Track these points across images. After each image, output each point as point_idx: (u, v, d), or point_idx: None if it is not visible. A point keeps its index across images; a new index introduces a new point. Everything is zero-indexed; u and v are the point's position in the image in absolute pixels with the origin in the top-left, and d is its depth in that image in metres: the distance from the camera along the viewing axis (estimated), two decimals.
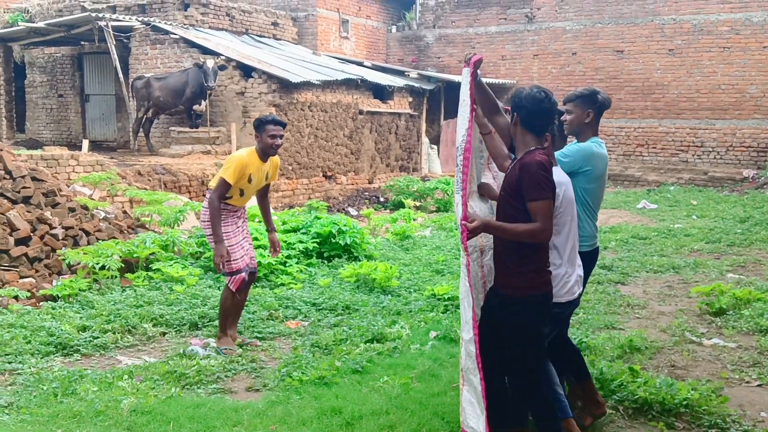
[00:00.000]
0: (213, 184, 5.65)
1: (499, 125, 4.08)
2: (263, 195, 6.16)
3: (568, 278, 3.84)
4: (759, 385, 5.16)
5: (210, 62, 15.03)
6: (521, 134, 3.67)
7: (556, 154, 4.04)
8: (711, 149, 19.56)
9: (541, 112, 3.62)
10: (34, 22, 17.97)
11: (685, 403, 4.54)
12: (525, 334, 3.65)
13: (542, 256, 3.65)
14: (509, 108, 4.26)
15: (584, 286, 4.23)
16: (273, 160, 5.91)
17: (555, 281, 3.75)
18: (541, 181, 3.50)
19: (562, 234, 3.81)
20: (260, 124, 5.70)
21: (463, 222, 3.51)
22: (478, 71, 3.81)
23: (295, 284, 7.91)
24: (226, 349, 5.78)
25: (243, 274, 5.78)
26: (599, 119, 4.41)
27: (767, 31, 18.68)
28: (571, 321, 6.58)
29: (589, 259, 4.29)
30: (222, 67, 15.44)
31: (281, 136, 5.69)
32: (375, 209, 15.23)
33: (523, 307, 3.62)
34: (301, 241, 8.93)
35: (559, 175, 3.78)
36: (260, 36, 19.72)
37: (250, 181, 5.70)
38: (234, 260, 5.74)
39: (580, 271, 3.95)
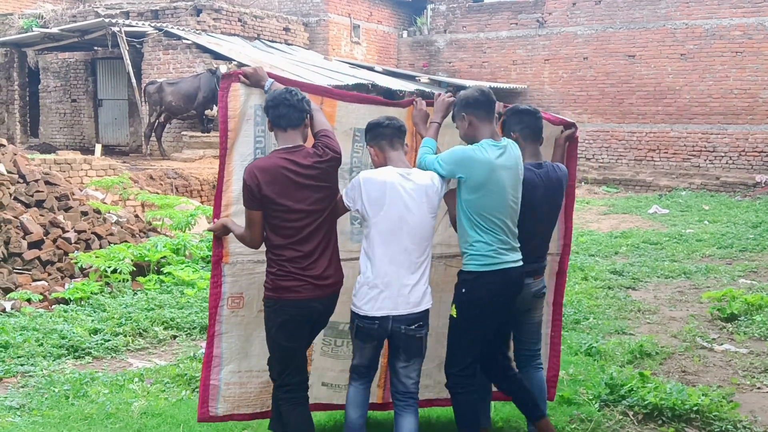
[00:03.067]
0: None
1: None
2: None
3: (370, 290, 3.54)
4: None
5: (223, 68, 15.12)
6: (275, 138, 3.59)
7: (436, 158, 3.71)
8: (723, 154, 19.46)
9: (282, 103, 3.49)
10: (48, 28, 18.12)
11: (695, 408, 4.53)
12: (268, 334, 3.60)
13: (287, 260, 3.48)
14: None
15: (503, 312, 3.81)
16: None
17: (356, 289, 3.60)
18: (243, 188, 3.46)
19: (375, 247, 3.56)
20: None
21: (215, 219, 3.76)
22: (266, 83, 3.73)
23: None
24: None
25: None
26: (484, 116, 3.74)
27: None
28: (581, 326, 6.60)
29: (492, 279, 3.68)
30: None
31: None
32: None
33: (265, 307, 3.60)
34: None
35: (370, 180, 3.55)
36: (272, 41, 19.80)
37: None
38: None
39: (410, 289, 3.55)
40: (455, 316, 3.75)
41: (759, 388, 5.21)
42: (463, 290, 3.73)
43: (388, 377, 4.21)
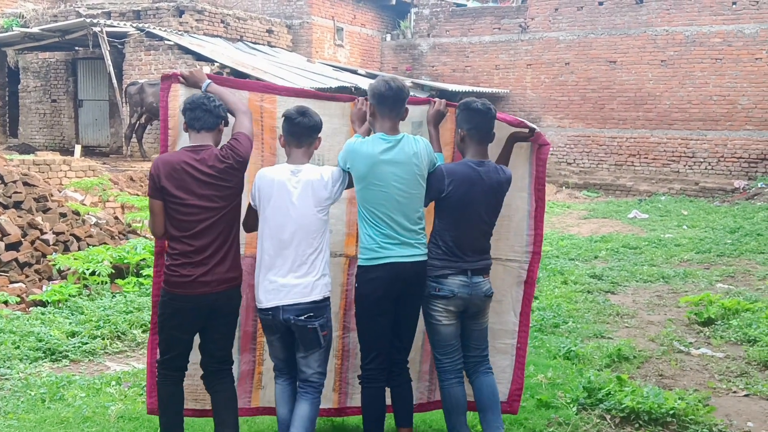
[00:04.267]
0: None
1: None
2: None
3: (262, 282, 3.68)
4: (746, 395, 5.19)
5: (206, 69, 15.06)
6: (189, 138, 3.73)
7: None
8: (702, 160, 19.65)
9: (199, 107, 3.64)
10: (28, 27, 17.96)
11: (672, 412, 4.56)
12: (159, 318, 3.75)
13: (180, 254, 3.62)
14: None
15: (385, 306, 3.77)
16: None
17: (255, 283, 3.74)
18: (149, 178, 3.67)
19: (261, 238, 3.71)
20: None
21: None
22: (203, 84, 3.83)
23: None
24: None
25: None
26: (386, 110, 3.78)
27: (759, 42, 18.79)
28: (560, 330, 6.64)
29: (377, 274, 3.72)
30: (217, 74, 15.46)
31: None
32: None
33: (160, 296, 3.73)
34: None
35: (262, 177, 3.72)
36: (255, 43, 19.75)
37: None
38: None
39: (297, 280, 3.63)
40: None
41: (735, 392, 5.26)
42: (356, 285, 3.85)
43: (345, 381, 4.25)
